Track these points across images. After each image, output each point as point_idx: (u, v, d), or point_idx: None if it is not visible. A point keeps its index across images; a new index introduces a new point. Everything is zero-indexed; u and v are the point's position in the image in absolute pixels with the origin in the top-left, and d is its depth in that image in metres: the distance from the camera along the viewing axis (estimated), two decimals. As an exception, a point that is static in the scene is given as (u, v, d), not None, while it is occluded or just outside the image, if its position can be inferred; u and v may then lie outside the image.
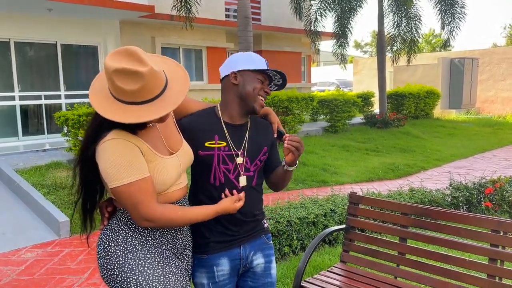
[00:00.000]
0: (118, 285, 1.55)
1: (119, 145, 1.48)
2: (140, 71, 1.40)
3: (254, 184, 1.84)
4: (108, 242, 1.59)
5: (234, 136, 1.79)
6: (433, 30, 41.79)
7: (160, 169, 1.56)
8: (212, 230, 1.78)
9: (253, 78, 1.76)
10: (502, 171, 7.64)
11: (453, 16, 11.55)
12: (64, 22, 10.10)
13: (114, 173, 1.46)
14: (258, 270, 1.88)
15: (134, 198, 1.47)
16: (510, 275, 2.36)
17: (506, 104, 18.55)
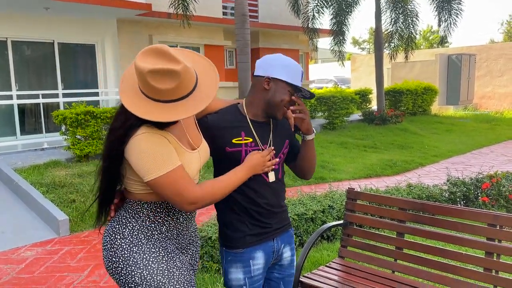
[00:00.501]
0: (123, 278, 1.57)
1: (153, 138, 1.48)
2: (176, 70, 1.40)
3: (280, 176, 1.91)
4: (115, 234, 1.60)
5: (260, 132, 1.84)
6: (431, 27, 41.81)
7: (186, 162, 1.58)
8: (247, 224, 1.83)
9: (284, 90, 1.79)
10: (500, 167, 7.68)
11: (450, 13, 11.58)
12: (61, 21, 10.09)
13: (151, 165, 1.47)
14: (285, 262, 1.96)
15: (176, 185, 1.49)
16: (506, 268, 2.39)
17: (503, 100, 18.60)
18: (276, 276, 1.96)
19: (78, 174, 6.12)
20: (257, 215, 1.83)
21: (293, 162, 1.97)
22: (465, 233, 2.65)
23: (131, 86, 1.51)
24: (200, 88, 1.51)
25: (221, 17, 13.47)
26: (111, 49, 11.08)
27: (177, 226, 1.68)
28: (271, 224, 1.87)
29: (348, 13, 12.51)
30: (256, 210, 1.82)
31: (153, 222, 1.61)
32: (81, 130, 7.04)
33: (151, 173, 1.48)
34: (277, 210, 1.89)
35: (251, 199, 1.81)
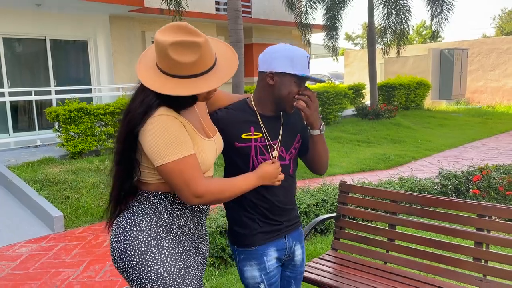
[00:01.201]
0: (137, 272, 1.51)
1: (169, 122, 1.45)
2: (198, 41, 1.40)
3: (291, 172, 1.87)
4: (130, 226, 1.54)
5: (269, 127, 1.80)
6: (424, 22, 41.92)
7: (201, 150, 1.54)
8: (258, 221, 1.80)
9: (290, 82, 1.71)
10: (491, 160, 7.76)
11: (441, 7, 11.63)
12: (53, 17, 10.03)
13: (162, 149, 1.43)
14: (297, 261, 1.95)
15: (185, 174, 1.44)
16: (495, 258, 2.44)
17: (495, 94, 18.75)
18: (288, 275, 1.95)
19: (72, 171, 6.11)
20: (268, 213, 1.81)
21: (304, 156, 1.91)
22: (455, 224, 2.70)
23: (148, 64, 1.50)
24: (218, 68, 1.50)
25: (214, 12, 13.44)
26: (103, 46, 11.03)
27: (194, 220, 1.64)
28: (282, 221, 1.85)
29: (341, 8, 12.53)
30: (267, 207, 1.80)
31: (171, 214, 1.56)
32: (75, 127, 7.02)
33: (163, 157, 1.43)
34: (288, 207, 1.87)
35: (262, 196, 1.78)
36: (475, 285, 2.47)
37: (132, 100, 1.53)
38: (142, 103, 1.48)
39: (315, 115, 1.72)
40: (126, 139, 1.50)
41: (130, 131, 1.48)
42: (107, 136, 7.45)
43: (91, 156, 7.17)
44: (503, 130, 12.04)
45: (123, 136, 1.51)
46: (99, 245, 4.32)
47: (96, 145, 7.30)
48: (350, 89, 12.88)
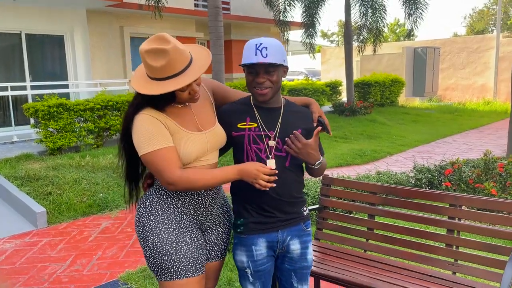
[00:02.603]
0: (141, 240, 1.81)
1: (147, 119, 1.70)
2: (165, 48, 1.63)
3: (287, 165, 1.88)
4: (140, 204, 1.86)
5: (266, 118, 1.88)
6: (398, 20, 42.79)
7: (183, 141, 1.74)
8: (250, 211, 1.89)
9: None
10: (461, 155, 8.12)
11: (416, 7, 11.98)
12: (28, 11, 9.85)
13: (140, 143, 1.69)
14: (294, 255, 1.96)
15: (157, 165, 1.67)
16: (466, 244, 2.64)
17: (465, 92, 19.42)
18: (287, 268, 1.99)
19: (53, 167, 6.09)
20: (262, 203, 1.87)
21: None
22: (429, 213, 2.89)
23: (141, 72, 1.76)
24: (191, 69, 1.72)
25: (193, 8, 13.44)
26: (81, 41, 10.90)
27: (193, 202, 1.83)
28: (276, 214, 1.89)
29: (318, 6, 12.74)
30: (260, 197, 1.85)
31: (170, 196, 1.80)
32: (54, 122, 6.97)
33: (140, 149, 1.69)
34: (285, 200, 1.89)
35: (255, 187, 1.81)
36: (447, 269, 2.66)
37: (130, 104, 1.80)
38: (132, 104, 1.77)
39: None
40: (124, 135, 1.80)
41: (125, 128, 1.78)
42: (87, 132, 7.42)
43: (71, 152, 7.13)
44: (472, 127, 12.54)
45: (122, 133, 1.81)
46: (84, 240, 4.36)
47: (76, 141, 7.27)
48: (327, 86, 13.13)
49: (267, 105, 1.90)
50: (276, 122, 1.89)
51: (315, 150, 1.87)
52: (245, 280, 1.95)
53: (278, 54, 1.81)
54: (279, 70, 1.85)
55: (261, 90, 1.82)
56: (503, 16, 33.11)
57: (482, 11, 40.52)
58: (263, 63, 1.77)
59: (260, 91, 1.82)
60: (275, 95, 1.89)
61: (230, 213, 2.06)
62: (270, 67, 1.81)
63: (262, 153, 1.87)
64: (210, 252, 1.98)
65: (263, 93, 1.83)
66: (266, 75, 1.81)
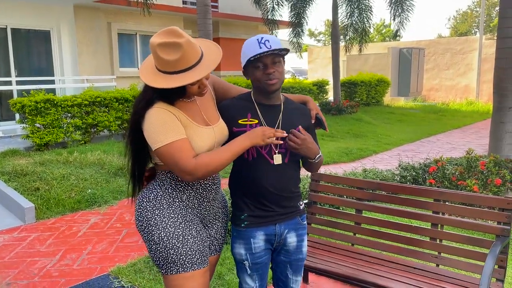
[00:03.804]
0: (145, 235, 1.81)
1: (160, 113, 1.71)
2: (179, 42, 1.64)
3: (287, 161, 1.93)
4: (143, 198, 1.85)
5: (267, 115, 1.91)
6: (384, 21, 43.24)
7: (195, 135, 1.76)
8: (249, 205, 1.93)
9: (252, 69, 1.87)
10: (445, 153, 8.29)
11: (403, 8, 12.17)
12: (14, 6, 9.72)
13: (155, 136, 1.68)
14: (290, 247, 2.01)
15: (174, 157, 1.68)
16: (449, 237, 2.75)
17: (449, 92, 19.78)
18: (282, 259, 2.04)
19: (40, 163, 6.05)
20: (260, 197, 1.91)
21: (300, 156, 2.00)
22: (414, 208, 2.99)
23: (149, 66, 1.76)
24: (202, 63, 1.73)
25: (181, 6, 13.41)
26: (67, 36, 10.80)
27: (197, 196, 1.85)
28: (274, 208, 1.94)
29: (306, 6, 12.84)
30: (259, 192, 1.90)
31: (175, 189, 1.81)
32: (41, 118, 6.91)
33: (155, 143, 1.69)
34: (283, 195, 1.94)
35: (254, 181, 1.90)
36: (431, 261, 2.77)
37: (138, 97, 1.80)
38: (143, 97, 1.76)
39: (306, 153, 1.90)
40: (133, 130, 1.79)
41: (135, 122, 1.77)
42: (74, 128, 7.38)
43: (58, 148, 7.09)
44: (455, 126, 12.80)
45: (130, 127, 1.80)
46: (74, 235, 4.37)
47: (63, 137, 7.22)
48: (314, 85, 13.26)
49: (268, 102, 1.94)
50: (276, 119, 1.93)
51: (313, 143, 1.93)
52: (243, 272, 2.00)
53: (280, 46, 1.86)
54: (282, 61, 1.91)
55: (272, 80, 1.85)
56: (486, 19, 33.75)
57: (465, 13, 41.21)
58: (271, 52, 1.81)
59: (271, 82, 1.85)
60: (280, 88, 1.94)
61: (227, 208, 2.11)
62: (276, 58, 1.85)
63: (263, 149, 1.91)
64: (210, 246, 2.01)
65: (274, 83, 1.85)
66: (274, 66, 1.85)
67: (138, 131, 1.76)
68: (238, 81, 10.58)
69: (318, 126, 2.08)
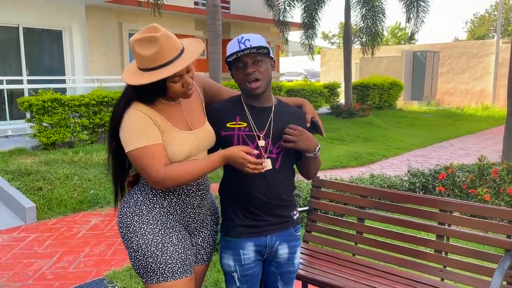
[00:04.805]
0: (125, 242, 1.76)
1: (135, 115, 1.64)
2: (155, 36, 1.58)
3: (278, 167, 1.82)
4: (123, 203, 1.79)
5: (257, 118, 1.81)
6: (399, 23, 42.78)
7: (173, 140, 1.68)
8: (239, 214, 1.83)
9: (234, 70, 1.79)
10: (457, 160, 8.08)
11: (418, 10, 11.95)
12: (27, 5, 9.79)
13: (128, 138, 1.62)
14: (281, 259, 1.92)
15: (143, 162, 1.60)
16: (455, 250, 2.60)
17: (464, 96, 19.41)
18: (273, 271, 1.95)
19: (45, 162, 6.04)
20: (250, 206, 1.82)
21: (297, 160, 1.92)
22: (419, 218, 2.85)
23: (133, 66, 1.71)
24: (181, 57, 1.64)
25: (193, 7, 13.39)
26: (79, 36, 10.84)
27: (179, 202, 1.76)
28: (265, 218, 1.84)
29: (318, 7, 12.70)
30: (248, 200, 1.81)
31: (156, 195, 1.73)
32: (48, 117, 6.92)
33: (126, 146, 1.63)
34: (275, 203, 1.84)
35: (243, 188, 1.80)
36: (436, 275, 2.62)
37: (119, 99, 1.73)
38: (122, 98, 1.70)
39: (305, 144, 1.77)
40: (112, 135, 1.73)
41: (114, 126, 1.70)
42: (81, 127, 7.37)
43: (65, 147, 7.08)
44: (470, 132, 12.51)
45: (110, 131, 1.75)
46: (73, 236, 4.31)
47: (70, 137, 7.22)
48: (326, 88, 13.10)
49: (258, 104, 1.84)
50: (266, 122, 1.82)
51: (311, 135, 1.82)
52: (231, 284, 1.90)
53: (262, 44, 1.76)
54: (266, 60, 1.80)
55: (254, 82, 1.75)
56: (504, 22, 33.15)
57: (483, 17, 40.54)
58: (249, 51, 1.72)
59: (252, 85, 1.76)
60: (267, 90, 1.83)
61: (217, 215, 2.01)
62: (258, 56, 1.76)
63: (252, 154, 1.78)
64: (196, 255, 1.92)
65: (256, 86, 1.76)
66: (254, 65, 1.76)
67: (117, 134, 1.69)
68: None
69: (314, 131, 1.96)
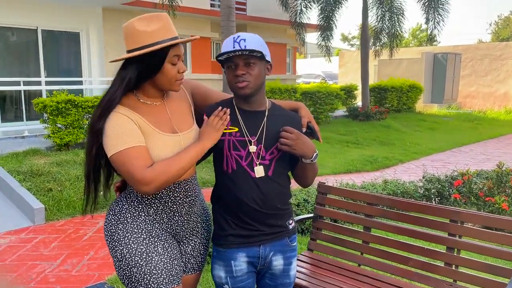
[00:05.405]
0: (110, 250, 1.71)
1: (117, 119, 1.59)
2: (159, 14, 1.61)
3: (271, 174, 1.73)
4: (109, 210, 1.74)
5: (249, 123, 1.73)
6: (420, 25, 42.07)
7: (156, 143, 1.62)
8: (230, 223, 1.74)
9: (226, 68, 1.70)
10: (477, 165, 7.82)
11: (437, 11, 11.67)
12: (45, 8, 9.93)
13: (109, 143, 1.56)
14: (276, 271, 1.82)
15: (127, 165, 1.53)
16: (466, 263, 2.46)
17: (486, 100, 18.89)
18: (268, 283, 1.85)
19: (57, 163, 6.07)
20: (242, 215, 1.72)
21: (292, 167, 1.82)
22: (429, 228, 2.71)
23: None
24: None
25: (209, 8, 13.39)
26: (96, 38, 10.95)
27: (166, 210, 1.70)
28: (258, 227, 1.74)
29: (335, 9, 12.53)
30: (240, 208, 1.71)
31: (141, 203, 1.67)
32: (62, 118, 6.97)
33: (109, 150, 1.56)
34: (268, 212, 1.74)
35: (234, 196, 1.71)
36: (445, 289, 2.48)
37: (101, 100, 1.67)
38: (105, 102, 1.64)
39: (302, 149, 1.68)
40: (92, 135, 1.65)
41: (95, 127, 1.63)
42: (95, 129, 7.40)
43: (78, 148, 7.12)
44: (492, 136, 12.14)
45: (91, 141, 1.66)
46: (79, 239, 4.30)
47: (83, 138, 7.25)
48: (342, 90, 12.91)
49: (250, 107, 1.75)
50: (259, 126, 1.73)
51: (308, 139, 1.72)
52: None
53: (258, 46, 1.66)
54: (260, 64, 1.69)
55: (240, 83, 1.66)
56: (530, 23, 32.17)
57: (508, 18, 39.51)
58: (241, 53, 1.62)
59: (239, 84, 1.66)
60: (257, 93, 1.73)
61: (209, 223, 1.92)
62: (250, 59, 1.66)
63: (243, 160, 1.71)
64: (186, 264, 1.84)
65: (242, 86, 1.66)
66: (246, 68, 1.66)
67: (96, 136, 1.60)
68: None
69: (311, 136, 1.85)
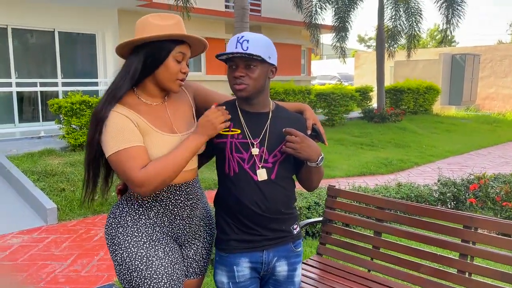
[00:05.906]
0: (110, 254, 1.69)
1: (116, 118, 1.56)
2: (173, 14, 1.66)
3: (274, 177, 1.68)
4: (110, 213, 1.73)
5: (252, 125, 1.70)
6: (438, 26, 41.44)
7: (155, 142, 1.60)
8: (232, 227, 1.71)
9: (228, 69, 1.67)
10: (496, 168, 7.63)
11: (453, 12, 11.46)
12: (62, 10, 10.07)
13: (107, 143, 1.54)
14: (280, 277, 1.78)
15: (122, 166, 1.51)
16: (479, 271, 2.37)
17: (506, 102, 18.47)
18: None
19: (71, 163, 6.14)
20: (244, 219, 1.68)
21: (297, 170, 1.78)
22: (441, 234, 2.63)
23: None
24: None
25: (223, 10, 13.41)
26: (111, 40, 11.06)
27: (167, 213, 1.68)
28: (261, 232, 1.70)
29: (350, 10, 12.42)
30: (242, 212, 1.67)
31: (141, 206, 1.65)
32: (76, 119, 7.05)
33: (107, 150, 1.54)
34: (271, 217, 1.69)
35: (237, 200, 1.67)
36: (458, 298, 2.40)
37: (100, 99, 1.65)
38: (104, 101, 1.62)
39: (307, 152, 1.64)
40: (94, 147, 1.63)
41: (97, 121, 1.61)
42: (109, 130, 7.46)
43: (92, 149, 7.18)
44: (511, 139, 11.84)
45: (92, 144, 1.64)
46: (90, 239, 4.32)
47: (97, 139, 7.31)
48: (357, 91, 12.77)
49: (253, 109, 1.71)
50: (262, 128, 1.70)
51: (313, 141, 1.68)
52: None
53: (261, 49, 1.62)
54: (262, 66, 1.65)
55: (238, 85, 1.63)
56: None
57: (529, 18, 38.60)
58: (240, 55, 1.59)
59: (237, 86, 1.64)
60: (257, 95, 1.69)
61: (212, 226, 1.89)
62: (251, 61, 1.62)
63: (246, 163, 1.68)
64: (188, 268, 1.82)
65: (240, 88, 1.63)
66: (245, 70, 1.63)
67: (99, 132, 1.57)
68: (276, 86, 10.36)
69: (316, 139, 1.82)
